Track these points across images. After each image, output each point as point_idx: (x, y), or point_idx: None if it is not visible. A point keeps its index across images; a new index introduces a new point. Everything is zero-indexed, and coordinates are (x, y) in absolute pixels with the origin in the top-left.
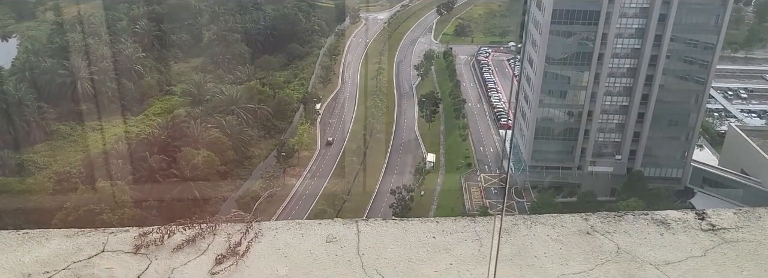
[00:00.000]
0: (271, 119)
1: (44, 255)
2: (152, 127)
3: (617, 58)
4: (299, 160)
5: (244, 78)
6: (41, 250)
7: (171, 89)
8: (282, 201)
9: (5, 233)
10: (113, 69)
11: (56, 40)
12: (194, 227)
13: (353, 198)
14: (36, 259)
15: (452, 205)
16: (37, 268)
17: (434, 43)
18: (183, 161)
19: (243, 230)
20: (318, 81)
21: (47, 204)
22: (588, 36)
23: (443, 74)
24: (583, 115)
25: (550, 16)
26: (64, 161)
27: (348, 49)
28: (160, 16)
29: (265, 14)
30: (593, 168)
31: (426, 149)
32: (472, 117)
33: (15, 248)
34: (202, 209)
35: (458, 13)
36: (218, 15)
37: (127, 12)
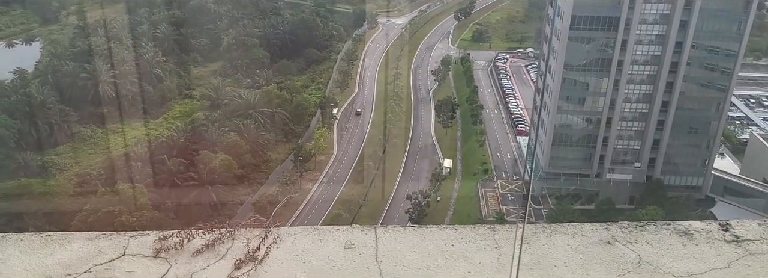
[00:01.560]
0: (289, 124)
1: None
2: (171, 130)
3: (637, 65)
4: (316, 164)
5: (262, 82)
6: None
7: (190, 92)
8: (298, 206)
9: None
10: (134, 73)
11: (78, 44)
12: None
13: (369, 203)
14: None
15: (469, 211)
16: (59, 271)
17: (452, 48)
18: (201, 165)
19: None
20: (335, 86)
21: (68, 206)
22: (607, 42)
23: (461, 80)
24: (601, 122)
25: (569, 22)
26: (85, 164)
27: (365, 54)
28: (180, 21)
29: (284, 19)
30: (612, 176)
31: (442, 155)
32: (490, 123)
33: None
34: (219, 212)
35: (476, 18)
36: (237, 20)
37: (148, 16)
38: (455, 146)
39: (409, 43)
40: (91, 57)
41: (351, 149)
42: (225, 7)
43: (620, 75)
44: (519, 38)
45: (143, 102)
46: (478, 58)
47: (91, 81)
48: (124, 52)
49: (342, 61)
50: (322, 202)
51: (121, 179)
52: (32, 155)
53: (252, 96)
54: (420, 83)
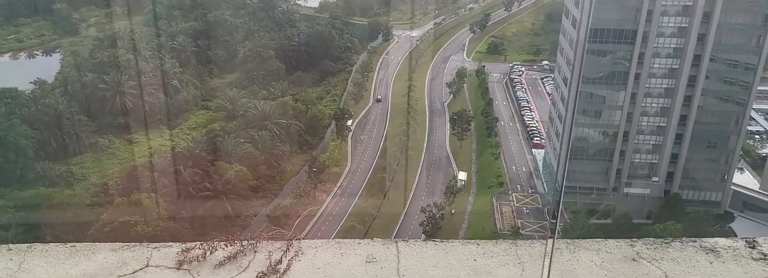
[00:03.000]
0: (303, 135)
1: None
2: (187, 141)
3: (654, 78)
4: (330, 176)
5: (278, 94)
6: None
7: (206, 103)
8: (312, 217)
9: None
10: (151, 84)
11: (98, 56)
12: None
13: (383, 215)
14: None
15: (483, 224)
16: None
17: (467, 61)
18: (216, 175)
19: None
20: (350, 98)
21: (85, 215)
22: (624, 55)
23: (476, 92)
24: (618, 135)
25: (585, 34)
26: (102, 173)
27: (380, 66)
28: (197, 33)
29: (299, 31)
30: (629, 190)
31: (457, 167)
32: (505, 136)
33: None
34: (234, 223)
35: (491, 31)
36: (253, 32)
37: (165, 28)
38: (470, 159)
39: (424, 56)
40: (110, 68)
41: (365, 160)
42: (241, 19)
43: (637, 88)
44: (534, 51)
45: (160, 113)
46: (494, 70)
47: (110, 92)
48: (142, 64)
49: (357, 74)
50: (336, 213)
51: (137, 189)
52: (51, 165)
53: (267, 107)
54: (435, 95)
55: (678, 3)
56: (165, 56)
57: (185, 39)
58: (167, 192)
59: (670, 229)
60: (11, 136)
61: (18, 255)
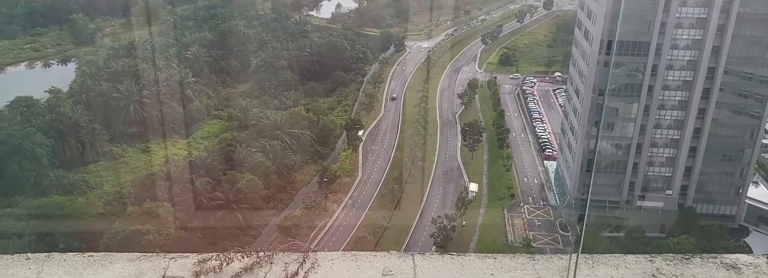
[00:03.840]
0: (315, 145)
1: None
2: (199, 150)
3: (668, 91)
4: (341, 186)
5: (290, 104)
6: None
7: (219, 113)
8: (323, 228)
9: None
10: (165, 93)
11: (112, 65)
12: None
13: (394, 226)
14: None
15: (494, 236)
16: None
17: (478, 72)
18: (227, 185)
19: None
20: (361, 108)
21: (98, 224)
22: (637, 67)
23: (487, 103)
24: (631, 147)
25: (598, 46)
26: (115, 182)
27: (392, 77)
28: (210, 43)
29: (312, 42)
30: (642, 203)
31: (468, 179)
32: (516, 147)
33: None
34: (244, 232)
35: (503, 42)
36: (266, 42)
37: (179, 38)
38: (481, 170)
39: (436, 67)
40: (124, 78)
41: (376, 171)
42: (254, 29)
43: (651, 100)
44: (547, 62)
45: (173, 122)
46: (505, 82)
47: (124, 101)
48: (155, 73)
49: (368, 84)
50: (347, 224)
51: (149, 197)
52: (65, 173)
53: (279, 117)
54: (446, 106)
55: (692, 15)
56: (179, 66)
57: (199, 49)
58: (179, 201)
59: (685, 243)
60: (26, 144)
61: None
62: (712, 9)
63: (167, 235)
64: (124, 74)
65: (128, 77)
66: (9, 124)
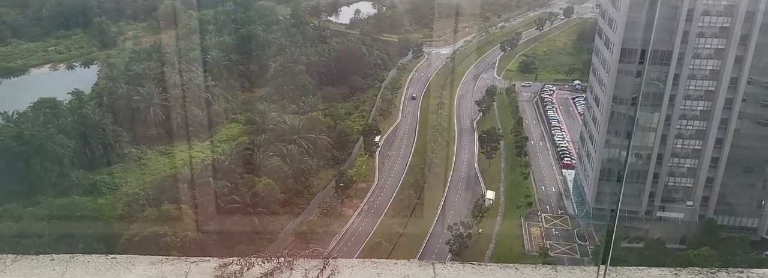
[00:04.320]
0: (331, 150)
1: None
2: (217, 153)
3: (689, 100)
4: (357, 192)
5: (307, 109)
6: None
7: (237, 117)
8: (338, 233)
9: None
10: (184, 96)
11: (133, 68)
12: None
13: (409, 233)
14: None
15: (511, 245)
16: None
17: (497, 79)
18: (244, 188)
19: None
20: (378, 114)
21: (116, 224)
22: (659, 76)
23: (505, 111)
24: (652, 157)
25: (619, 54)
26: (134, 184)
27: (409, 82)
28: (230, 47)
29: (330, 47)
30: (662, 214)
31: (485, 186)
32: (534, 155)
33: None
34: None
35: (522, 49)
36: (285, 47)
37: (199, 42)
38: (499, 178)
39: (454, 73)
40: (145, 80)
41: (392, 177)
42: (273, 34)
43: (672, 110)
44: (566, 70)
45: (192, 125)
46: (524, 89)
47: (144, 104)
48: (175, 77)
49: (386, 90)
50: (362, 230)
51: (167, 199)
52: (85, 174)
53: (296, 122)
54: (464, 112)
55: (715, 24)
56: (198, 70)
57: (218, 53)
58: (197, 204)
59: (705, 255)
60: (49, 145)
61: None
62: (736, 18)
63: (184, 238)
64: (145, 76)
65: (149, 80)
66: (32, 125)
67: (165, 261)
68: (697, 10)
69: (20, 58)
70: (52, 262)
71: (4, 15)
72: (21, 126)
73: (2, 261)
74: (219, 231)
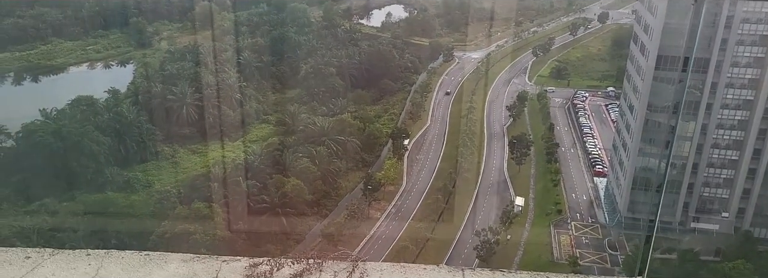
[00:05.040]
0: (360, 152)
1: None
2: (247, 153)
3: (727, 109)
4: (385, 194)
5: (337, 111)
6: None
7: (267, 117)
8: (365, 236)
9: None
10: (216, 97)
11: (168, 68)
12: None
13: (436, 237)
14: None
15: (539, 252)
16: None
17: (528, 84)
18: (273, 188)
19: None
20: (408, 117)
21: (147, 221)
22: (695, 84)
23: (536, 117)
24: (687, 167)
25: (655, 61)
26: (166, 181)
27: (440, 86)
28: (262, 49)
29: (361, 50)
30: (696, 225)
31: (514, 192)
32: (565, 162)
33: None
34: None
35: (555, 55)
36: (316, 49)
37: (232, 44)
38: (528, 184)
39: (485, 78)
40: (179, 80)
41: (420, 181)
42: (305, 37)
43: (709, 119)
44: (599, 77)
45: (223, 125)
46: (556, 95)
47: (177, 103)
48: (208, 77)
49: (416, 93)
50: (389, 233)
51: (197, 198)
52: (119, 171)
53: (326, 124)
54: (494, 118)
55: (755, 32)
56: (230, 70)
57: (250, 54)
58: (226, 203)
59: (740, 268)
60: (85, 141)
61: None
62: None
63: (213, 236)
64: (179, 76)
65: (183, 80)
66: (70, 122)
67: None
68: (736, 17)
69: (60, 57)
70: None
71: (45, 14)
72: (59, 123)
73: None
74: (247, 231)
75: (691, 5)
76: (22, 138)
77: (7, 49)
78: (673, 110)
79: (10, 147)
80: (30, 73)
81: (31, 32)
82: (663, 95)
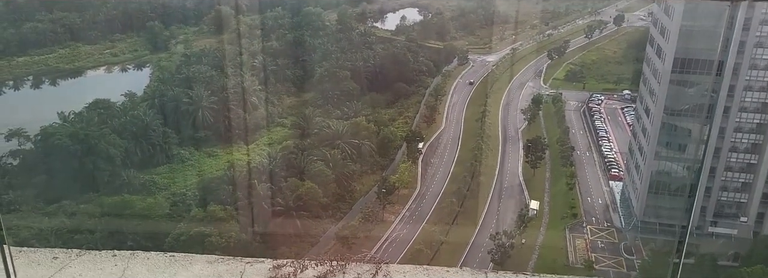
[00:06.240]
0: (374, 155)
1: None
2: (262, 156)
3: (745, 113)
4: (399, 198)
5: (351, 114)
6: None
7: (282, 121)
8: (379, 238)
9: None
10: (231, 100)
11: (183, 71)
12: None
13: (451, 241)
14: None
15: (554, 256)
16: None
17: (543, 87)
18: (288, 191)
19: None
20: (422, 120)
21: (163, 223)
22: (713, 87)
23: (551, 120)
24: (703, 171)
25: (671, 64)
26: (181, 184)
27: (454, 90)
28: (277, 52)
29: (375, 53)
30: (714, 229)
31: (529, 196)
32: (581, 166)
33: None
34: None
35: (570, 58)
36: (330, 53)
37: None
38: (543, 188)
39: (499, 81)
40: (194, 84)
41: (435, 184)
42: (320, 40)
43: (727, 122)
44: (615, 80)
45: (238, 128)
46: (571, 98)
47: (193, 106)
48: (223, 80)
49: (430, 97)
50: (403, 236)
51: (213, 200)
52: (135, 173)
53: (340, 127)
54: (509, 121)
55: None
56: (245, 74)
57: (265, 58)
58: (241, 205)
59: (759, 274)
60: (102, 144)
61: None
62: None
63: (228, 238)
64: (195, 80)
65: (198, 83)
66: (87, 125)
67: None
68: (755, 19)
69: (78, 61)
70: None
71: (64, 19)
72: (77, 126)
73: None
74: (262, 233)
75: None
76: (41, 141)
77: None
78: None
79: (30, 150)
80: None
81: (50, 36)
82: (680, 98)
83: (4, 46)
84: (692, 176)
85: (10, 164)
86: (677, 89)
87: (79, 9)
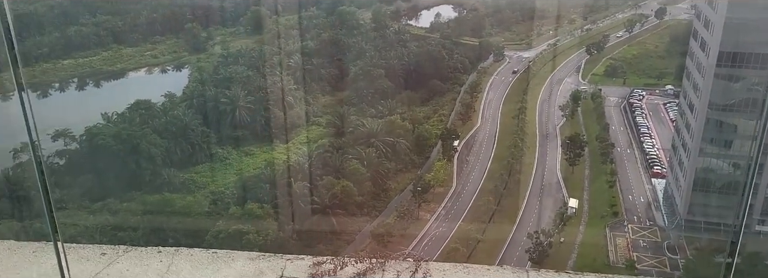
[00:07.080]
0: (409, 154)
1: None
2: (298, 155)
3: None
4: (434, 196)
5: (386, 112)
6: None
7: (317, 119)
8: (415, 237)
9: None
10: (267, 99)
11: (221, 72)
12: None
13: (487, 239)
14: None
15: (595, 255)
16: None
17: (582, 83)
18: (324, 189)
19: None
20: (457, 118)
21: (202, 221)
22: (759, 81)
23: (590, 116)
24: (751, 168)
25: (716, 58)
26: (220, 183)
27: (490, 86)
28: (311, 52)
29: (409, 51)
30: (762, 228)
31: (568, 194)
32: (621, 163)
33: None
34: (338, 237)
35: (610, 53)
36: (365, 51)
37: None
38: (582, 186)
39: (536, 77)
40: (231, 84)
41: (471, 182)
42: (354, 39)
43: None
44: (657, 75)
45: (275, 127)
46: (611, 94)
47: (230, 106)
48: (259, 80)
49: (465, 94)
50: (439, 234)
51: (250, 198)
52: (175, 172)
53: (375, 125)
54: (546, 118)
55: None
56: (281, 73)
57: (300, 57)
58: (278, 204)
59: None
60: (143, 144)
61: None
62: None
63: (266, 236)
64: (232, 80)
65: (235, 83)
66: (129, 125)
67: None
68: None
69: (119, 63)
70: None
71: (106, 22)
72: (119, 126)
73: (115, 251)
74: (298, 231)
75: None
76: (86, 141)
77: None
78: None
79: (75, 150)
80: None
81: (93, 39)
82: (726, 93)
83: (50, 50)
84: (743, 174)
85: (56, 163)
86: (723, 84)
87: (121, 13)
